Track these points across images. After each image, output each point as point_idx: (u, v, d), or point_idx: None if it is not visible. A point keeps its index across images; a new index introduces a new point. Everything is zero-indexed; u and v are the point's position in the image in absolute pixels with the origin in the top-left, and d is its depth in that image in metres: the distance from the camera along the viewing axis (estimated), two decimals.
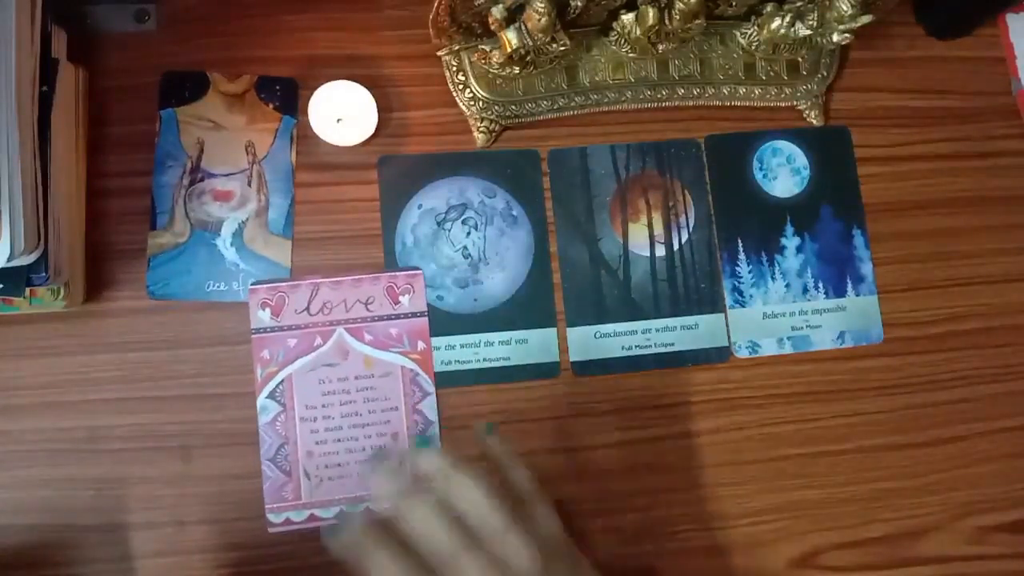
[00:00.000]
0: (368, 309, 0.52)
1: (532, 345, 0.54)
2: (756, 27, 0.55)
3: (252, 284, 0.51)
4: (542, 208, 0.55)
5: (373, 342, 0.52)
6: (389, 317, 0.52)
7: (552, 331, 0.54)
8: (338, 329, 0.52)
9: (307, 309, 0.52)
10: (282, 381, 0.51)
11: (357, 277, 0.52)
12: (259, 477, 0.50)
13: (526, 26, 0.48)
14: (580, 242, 0.55)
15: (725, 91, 0.57)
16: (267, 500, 0.50)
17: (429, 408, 0.52)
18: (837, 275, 0.57)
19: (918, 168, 0.59)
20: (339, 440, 0.51)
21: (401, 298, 0.52)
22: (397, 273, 0.53)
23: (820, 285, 0.57)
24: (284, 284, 0.52)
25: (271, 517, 0.50)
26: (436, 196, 0.55)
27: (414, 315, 0.52)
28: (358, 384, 0.51)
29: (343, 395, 0.51)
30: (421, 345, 0.52)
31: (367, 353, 0.52)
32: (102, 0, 0.53)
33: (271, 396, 0.51)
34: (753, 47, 0.56)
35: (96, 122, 0.53)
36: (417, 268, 0.53)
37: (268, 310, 0.51)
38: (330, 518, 0.50)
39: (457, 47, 0.53)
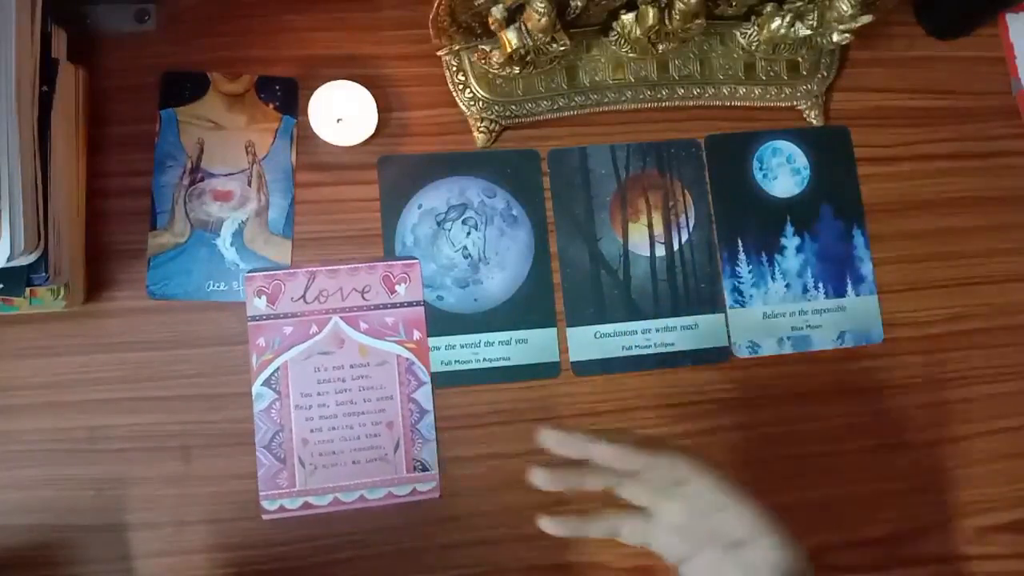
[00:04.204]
0: (364, 298, 0.52)
1: (532, 345, 0.54)
2: (756, 27, 0.55)
3: (248, 272, 0.51)
4: (542, 208, 0.55)
5: (369, 331, 0.52)
6: (385, 306, 0.52)
7: (552, 331, 0.54)
8: (334, 318, 0.52)
9: (303, 297, 0.52)
10: (277, 369, 0.51)
11: (354, 266, 0.52)
12: (257, 477, 0.50)
13: (526, 26, 0.48)
14: (580, 242, 0.55)
15: (725, 91, 0.57)
16: (261, 487, 0.50)
17: (424, 397, 0.52)
18: (837, 275, 0.57)
19: (918, 168, 0.59)
20: (334, 428, 0.51)
21: (397, 287, 0.52)
22: (394, 262, 0.53)
23: (820, 285, 0.57)
24: (281, 272, 0.52)
25: (265, 504, 0.50)
26: (436, 196, 0.55)
27: (410, 304, 0.52)
28: (353, 372, 0.51)
29: (338, 383, 0.51)
30: (417, 334, 0.52)
31: (362, 342, 0.52)
32: (102, 0, 0.53)
33: (266, 384, 0.51)
34: (753, 47, 0.56)
35: (96, 122, 0.52)
36: (414, 258, 0.53)
37: (264, 298, 0.51)
38: (325, 505, 0.50)
39: (457, 47, 0.53)
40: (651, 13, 0.51)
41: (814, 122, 0.58)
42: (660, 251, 0.56)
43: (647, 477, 0.39)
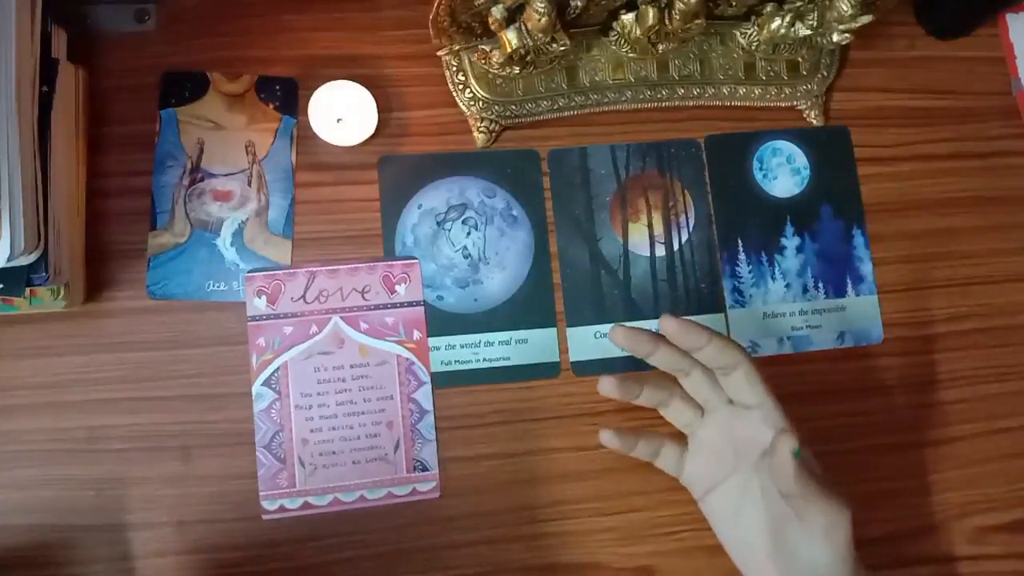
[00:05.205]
0: (364, 298, 0.52)
1: (532, 345, 0.54)
2: (756, 27, 0.55)
3: (248, 272, 0.51)
4: (542, 208, 0.55)
5: (369, 331, 0.52)
6: (385, 306, 0.52)
7: (552, 331, 0.54)
8: (334, 318, 0.52)
9: (303, 297, 0.52)
10: (277, 369, 0.51)
11: (354, 266, 0.52)
12: (257, 477, 0.50)
13: (526, 26, 0.48)
14: (580, 242, 0.55)
15: (725, 91, 0.57)
16: (261, 487, 0.50)
17: (424, 397, 0.52)
18: (837, 275, 0.57)
19: (918, 168, 0.59)
20: (334, 428, 0.51)
21: (397, 287, 0.52)
22: (394, 262, 0.53)
23: (820, 285, 0.57)
24: (281, 272, 0.52)
25: (265, 504, 0.50)
26: (436, 196, 0.55)
27: (410, 304, 0.53)
28: (353, 372, 0.51)
29: (338, 383, 0.51)
30: (417, 334, 0.52)
31: (362, 342, 0.52)
32: (102, 0, 0.53)
33: (266, 384, 0.51)
34: (753, 47, 0.56)
35: (96, 122, 0.53)
36: (414, 257, 0.53)
37: (264, 297, 0.51)
38: (325, 505, 0.50)
39: (457, 47, 0.53)
40: (651, 13, 0.51)
41: (814, 122, 0.58)
42: (660, 251, 0.56)
43: (704, 356, 0.44)
